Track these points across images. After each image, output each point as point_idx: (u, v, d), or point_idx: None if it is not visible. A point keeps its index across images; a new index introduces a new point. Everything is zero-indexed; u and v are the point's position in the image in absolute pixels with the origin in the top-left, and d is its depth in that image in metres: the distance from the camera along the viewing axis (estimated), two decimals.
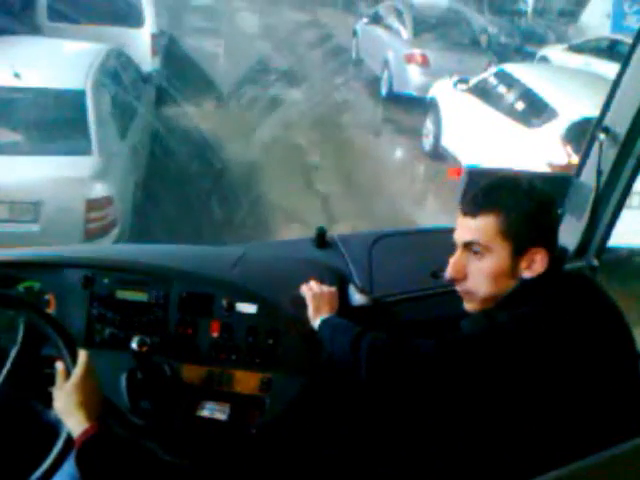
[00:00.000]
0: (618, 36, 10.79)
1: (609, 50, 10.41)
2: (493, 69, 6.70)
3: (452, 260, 1.32)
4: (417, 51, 8.90)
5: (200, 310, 1.69)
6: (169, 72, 8.45)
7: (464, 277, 1.30)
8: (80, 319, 1.69)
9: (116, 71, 4.80)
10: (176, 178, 5.69)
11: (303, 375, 1.65)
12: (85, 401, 1.27)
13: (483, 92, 6.39)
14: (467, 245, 1.29)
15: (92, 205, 3.61)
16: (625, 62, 1.81)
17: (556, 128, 5.10)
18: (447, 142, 6.88)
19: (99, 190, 3.66)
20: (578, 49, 10.82)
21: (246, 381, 1.65)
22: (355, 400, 1.66)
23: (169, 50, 9.32)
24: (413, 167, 7.25)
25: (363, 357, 1.36)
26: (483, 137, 6.01)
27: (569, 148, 5.08)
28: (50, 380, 1.33)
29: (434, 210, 6.15)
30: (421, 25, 9.50)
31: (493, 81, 6.41)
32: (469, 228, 1.28)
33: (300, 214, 5.39)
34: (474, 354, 1.20)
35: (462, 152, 6.41)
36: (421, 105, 7.89)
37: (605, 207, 1.92)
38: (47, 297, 1.70)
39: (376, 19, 10.81)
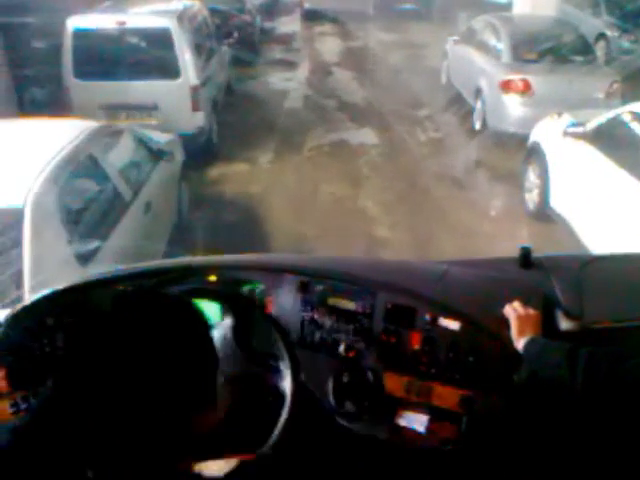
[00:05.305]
0: None
1: None
2: (620, 108, 4.85)
3: None
4: (516, 76, 7.21)
5: (404, 321, 1.71)
6: (223, 124, 7.42)
7: None
8: (294, 321, 1.76)
9: (95, 164, 3.65)
10: None
11: (502, 396, 1.60)
12: None
13: (607, 142, 4.62)
14: None
15: None
16: None
17: None
18: (558, 205, 5.18)
19: None
20: None
21: (445, 396, 1.65)
22: (559, 424, 1.57)
23: (228, 96, 8.33)
24: (514, 234, 5.58)
25: (580, 367, 1.32)
26: (609, 206, 4.31)
27: None
28: None
29: None
30: (521, 43, 7.80)
31: (621, 126, 4.60)
32: None
33: None
34: None
35: (580, 223, 4.72)
36: (523, 143, 6.24)
37: None
38: (267, 298, 1.80)
39: (468, 37, 9.17)
